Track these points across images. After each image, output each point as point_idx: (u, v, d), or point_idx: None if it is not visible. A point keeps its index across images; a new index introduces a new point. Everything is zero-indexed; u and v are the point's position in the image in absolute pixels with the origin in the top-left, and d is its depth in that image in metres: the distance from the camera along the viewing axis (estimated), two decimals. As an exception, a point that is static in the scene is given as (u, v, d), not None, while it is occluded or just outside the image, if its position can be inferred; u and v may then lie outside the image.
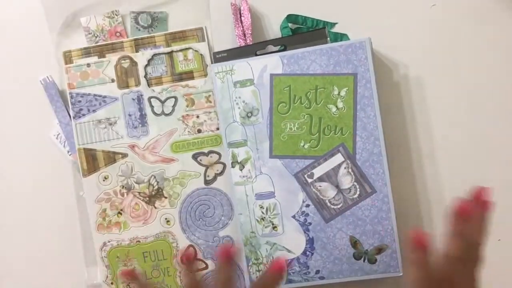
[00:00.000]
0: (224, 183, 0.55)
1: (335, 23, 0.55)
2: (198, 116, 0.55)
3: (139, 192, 0.56)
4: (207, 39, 0.56)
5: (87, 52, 0.56)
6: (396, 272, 0.51)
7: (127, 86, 0.56)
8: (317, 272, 0.52)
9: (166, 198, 0.55)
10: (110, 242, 0.56)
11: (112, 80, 0.56)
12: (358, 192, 0.51)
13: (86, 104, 0.56)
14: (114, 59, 0.56)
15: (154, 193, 0.55)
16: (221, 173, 0.55)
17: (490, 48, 0.54)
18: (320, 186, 0.51)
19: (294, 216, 0.52)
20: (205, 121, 0.55)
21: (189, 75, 0.55)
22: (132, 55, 0.56)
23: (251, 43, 0.54)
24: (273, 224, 0.52)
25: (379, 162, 0.50)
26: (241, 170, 0.52)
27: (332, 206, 0.51)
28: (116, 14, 0.57)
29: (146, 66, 0.56)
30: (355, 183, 0.51)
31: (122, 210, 0.56)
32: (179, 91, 0.55)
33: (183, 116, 0.55)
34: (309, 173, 0.51)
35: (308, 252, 0.51)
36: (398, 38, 0.54)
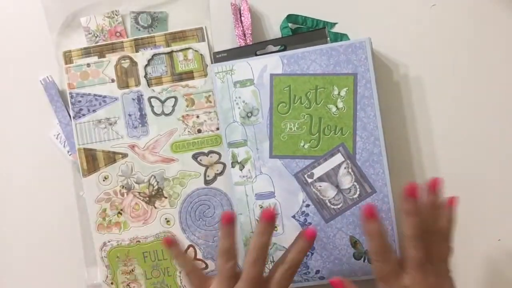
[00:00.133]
0: (224, 183, 0.55)
1: (335, 23, 0.55)
2: (198, 116, 0.55)
3: (139, 192, 0.56)
4: (207, 39, 0.56)
5: (87, 52, 0.56)
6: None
7: (127, 86, 0.56)
8: (317, 272, 0.52)
9: (166, 198, 0.55)
10: (110, 242, 0.56)
11: (112, 80, 0.56)
12: (358, 192, 0.51)
13: (86, 104, 0.56)
14: (114, 59, 0.56)
15: (154, 193, 0.55)
16: (221, 173, 0.55)
17: (490, 48, 0.54)
18: (320, 186, 0.51)
19: (294, 216, 0.52)
20: (205, 121, 0.55)
21: (189, 75, 0.55)
22: (132, 55, 0.56)
23: (251, 43, 0.54)
24: (273, 224, 0.52)
25: (379, 162, 0.50)
26: (241, 170, 0.52)
27: (332, 206, 0.51)
28: (116, 14, 0.57)
29: (146, 66, 0.56)
30: (355, 183, 0.51)
31: (122, 210, 0.56)
32: (179, 91, 0.55)
33: (183, 116, 0.55)
34: (309, 173, 0.51)
35: (308, 252, 0.51)
36: (398, 38, 0.54)
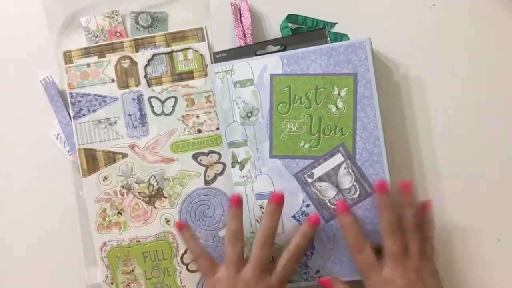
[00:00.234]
0: (224, 183, 0.55)
1: (335, 23, 0.55)
2: (198, 116, 0.55)
3: (139, 192, 0.56)
4: (207, 39, 0.56)
5: (87, 52, 0.56)
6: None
7: (127, 86, 0.56)
8: (317, 272, 0.52)
9: (166, 198, 0.55)
10: (110, 242, 0.56)
11: (112, 80, 0.56)
12: (358, 192, 0.51)
13: (86, 104, 0.56)
14: (114, 59, 0.56)
15: (154, 193, 0.55)
16: (221, 173, 0.55)
17: (490, 48, 0.54)
18: (320, 186, 0.51)
19: (294, 216, 0.52)
20: (205, 121, 0.55)
21: (189, 75, 0.55)
22: (132, 55, 0.56)
23: (251, 43, 0.54)
24: (273, 224, 0.52)
25: (379, 162, 0.50)
26: (241, 170, 0.52)
27: (332, 206, 0.51)
28: (116, 14, 0.57)
29: (146, 66, 0.56)
30: (355, 183, 0.51)
31: (122, 210, 0.56)
32: (179, 91, 0.55)
33: (183, 116, 0.55)
34: (309, 173, 0.51)
35: (308, 252, 0.51)
36: (398, 38, 0.54)
